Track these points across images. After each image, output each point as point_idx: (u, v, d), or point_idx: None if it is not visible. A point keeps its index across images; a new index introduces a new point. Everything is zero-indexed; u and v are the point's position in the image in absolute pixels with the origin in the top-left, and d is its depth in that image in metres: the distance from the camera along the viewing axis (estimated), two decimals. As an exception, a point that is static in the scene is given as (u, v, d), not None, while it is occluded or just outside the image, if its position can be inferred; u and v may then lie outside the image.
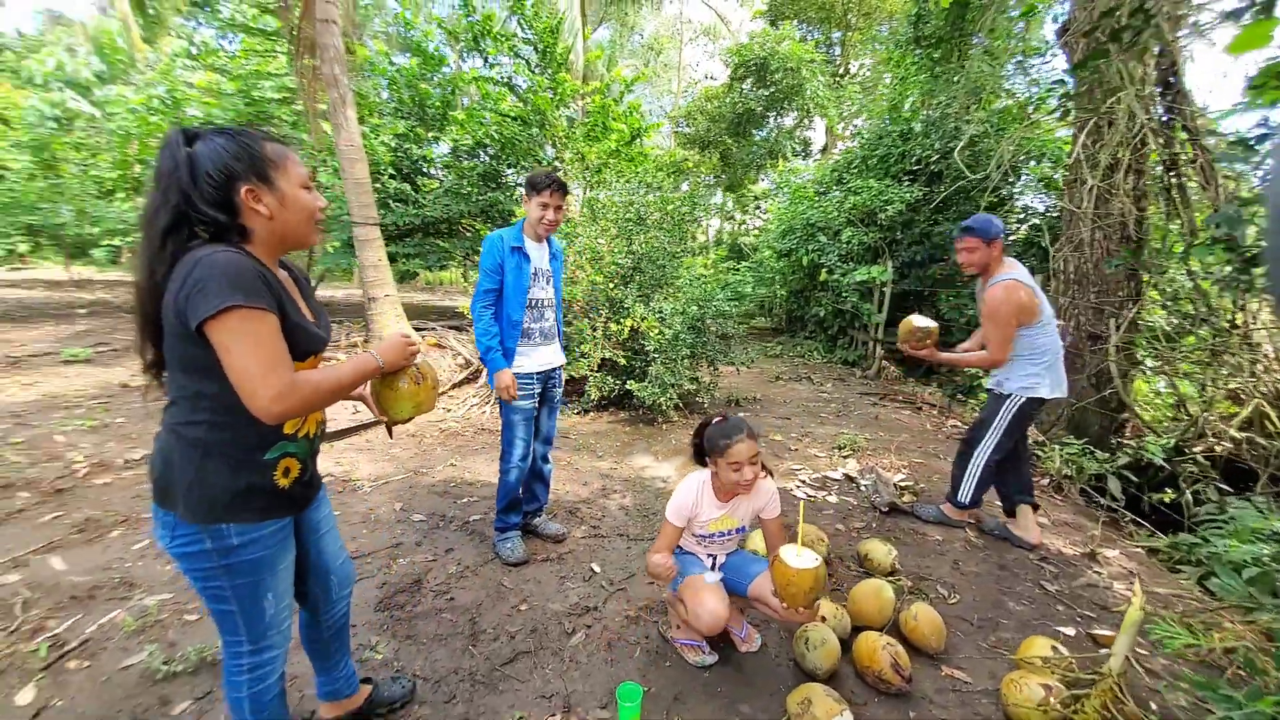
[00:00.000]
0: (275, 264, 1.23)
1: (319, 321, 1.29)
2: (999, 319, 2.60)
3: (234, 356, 1.03)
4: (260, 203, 1.13)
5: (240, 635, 1.24)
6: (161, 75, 8.63)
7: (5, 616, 2.04)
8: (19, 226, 9.63)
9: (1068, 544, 2.96)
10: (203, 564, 1.15)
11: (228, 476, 1.14)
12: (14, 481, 3.09)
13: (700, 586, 1.83)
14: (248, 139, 1.13)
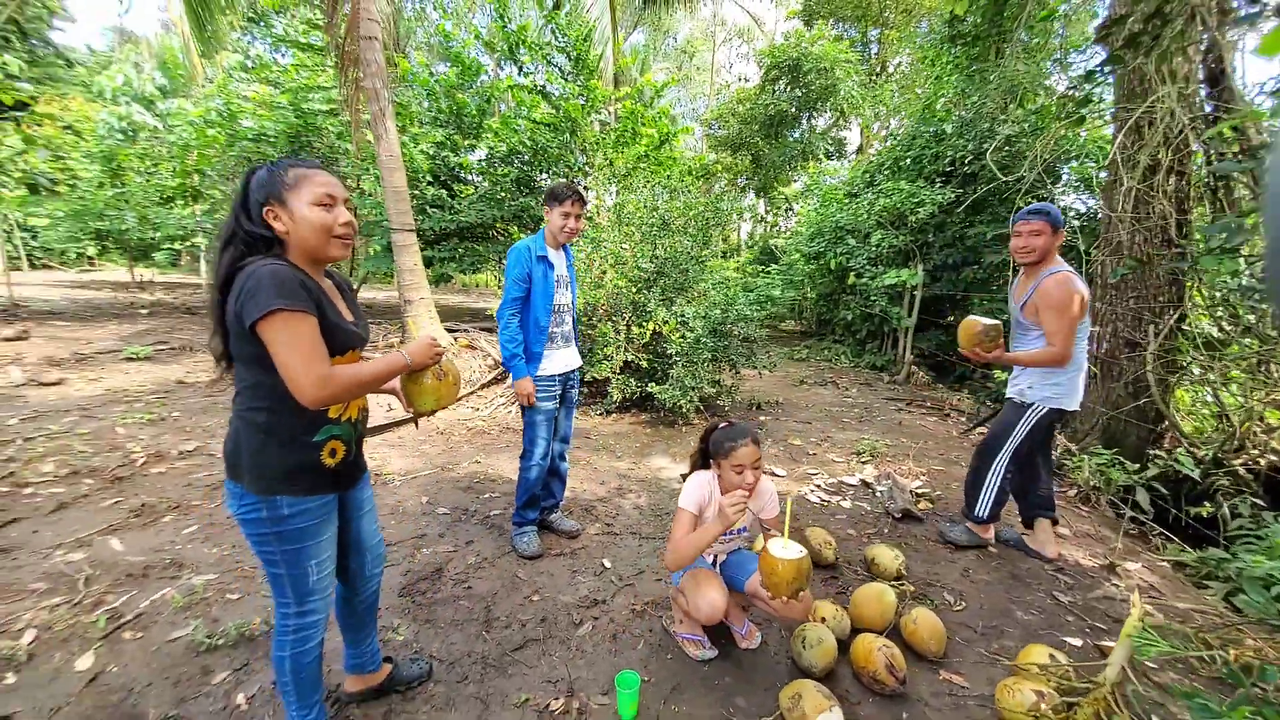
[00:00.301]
0: (318, 273, 1.39)
1: (357, 322, 1.46)
2: (1066, 309, 2.39)
3: (280, 351, 1.21)
4: (278, 220, 1.30)
5: (288, 597, 1.42)
6: (219, 89, 9.16)
7: (70, 590, 2.27)
8: (89, 232, 10.37)
9: (1087, 555, 2.91)
10: (259, 530, 1.34)
11: (282, 455, 1.33)
12: (80, 469, 3.39)
13: (702, 578, 1.91)
14: (279, 167, 1.30)
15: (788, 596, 1.65)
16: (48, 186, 9.25)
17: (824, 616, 2.10)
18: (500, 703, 1.81)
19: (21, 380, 5.15)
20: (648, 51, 20.00)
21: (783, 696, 1.74)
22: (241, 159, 8.83)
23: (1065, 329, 2.40)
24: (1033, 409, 2.60)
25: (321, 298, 1.30)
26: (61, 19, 22.04)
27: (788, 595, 1.64)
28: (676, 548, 1.84)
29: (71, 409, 4.51)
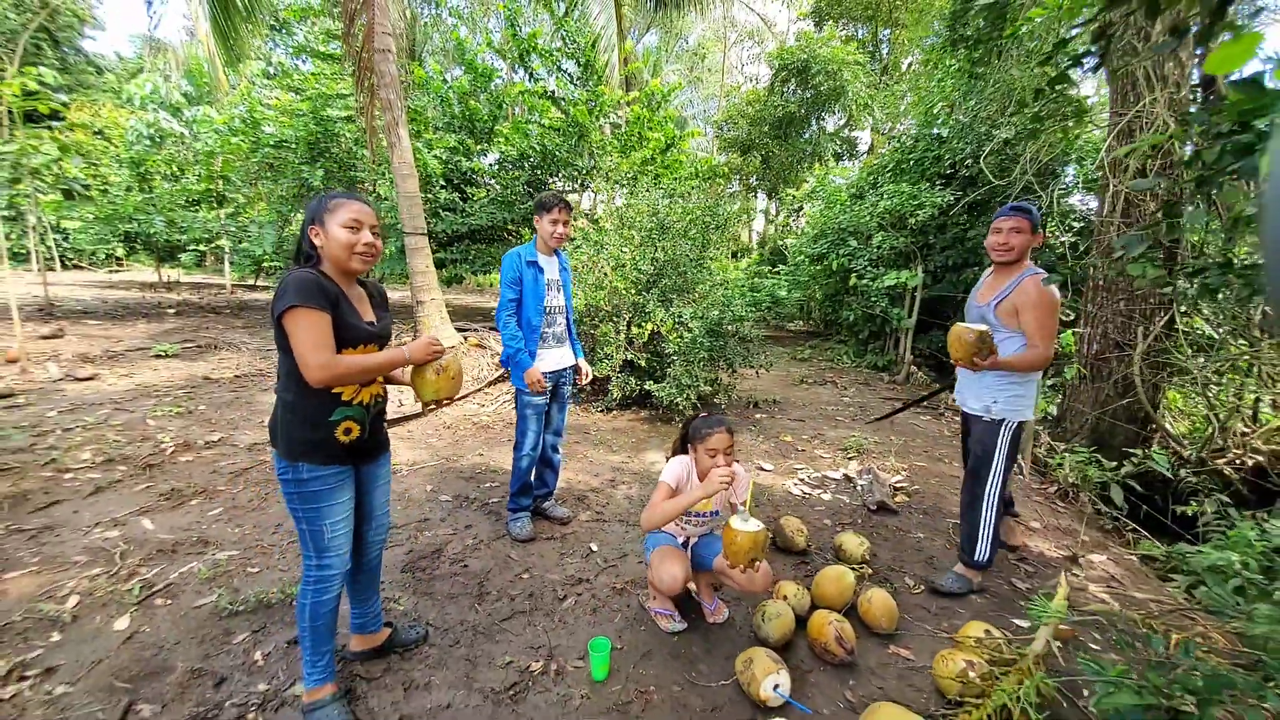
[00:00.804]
0: (348, 282, 1.67)
1: (378, 323, 1.72)
2: (1050, 309, 2.32)
3: (295, 339, 1.49)
4: (318, 236, 1.61)
5: (310, 550, 1.68)
6: (242, 96, 9.53)
7: (108, 563, 2.53)
8: (118, 234, 10.84)
9: (1054, 547, 3.04)
10: (288, 489, 1.63)
11: (303, 429, 1.60)
12: (114, 457, 3.68)
13: (666, 554, 2.10)
14: (329, 197, 1.63)
15: (744, 565, 1.83)
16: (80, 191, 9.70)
17: (786, 594, 2.28)
18: (487, 664, 2.02)
19: (59, 375, 5.50)
20: (659, 54, 20.17)
21: (737, 662, 1.93)
22: (264, 164, 9.20)
23: (1049, 330, 2.34)
24: (1005, 425, 2.46)
25: (341, 300, 1.57)
26: (92, 27, 22.88)
27: (744, 564, 1.83)
28: (652, 510, 2.04)
29: (105, 402, 4.83)
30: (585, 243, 5.86)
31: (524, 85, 9.64)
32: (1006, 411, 2.43)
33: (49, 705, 1.75)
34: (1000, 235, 2.42)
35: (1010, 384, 2.42)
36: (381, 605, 2.06)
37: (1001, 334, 2.44)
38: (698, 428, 2.11)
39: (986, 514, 2.47)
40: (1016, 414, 2.42)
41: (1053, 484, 4.04)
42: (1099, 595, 2.62)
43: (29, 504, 3.01)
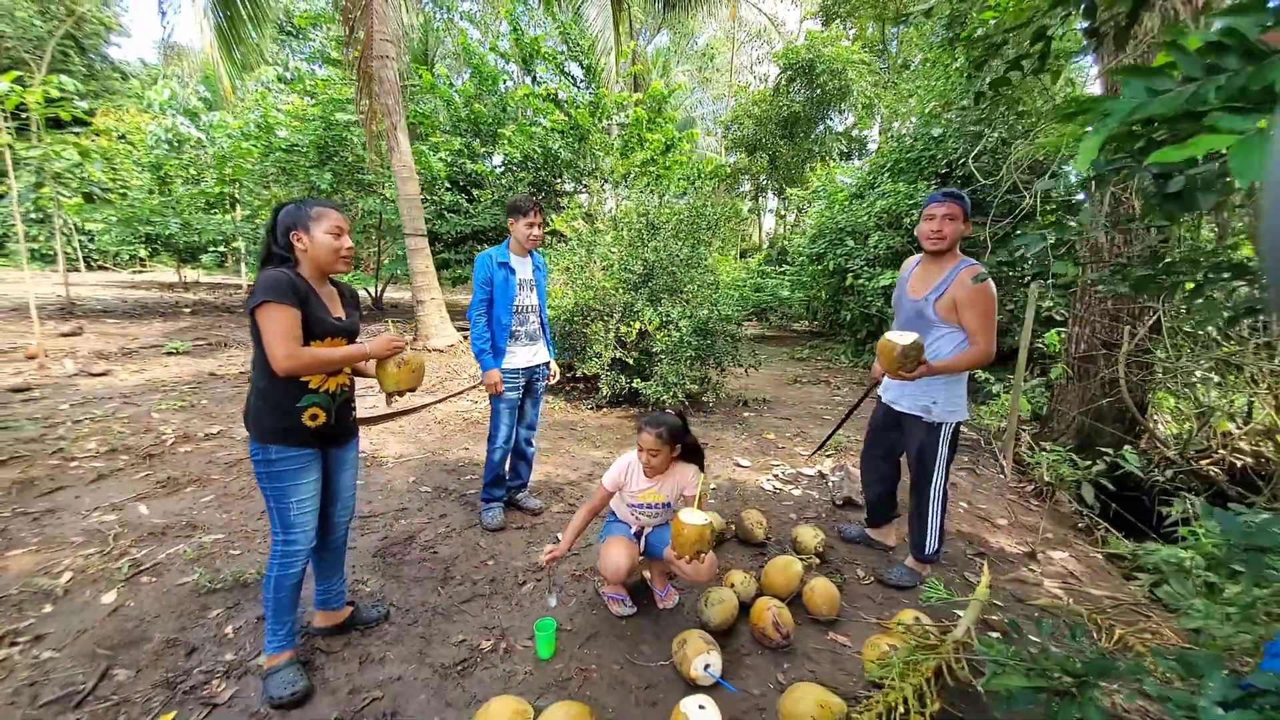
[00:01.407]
0: (320, 281, 1.83)
1: (346, 320, 1.87)
2: (987, 305, 2.24)
3: (264, 332, 1.65)
4: (301, 242, 1.76)
5: (277, 527, 1.83)
6: (256, 102, 9.82)
7: (102, 544, 2.70)
8: (139, 235, 11.22)
9: (1015, 544, 3.09)
10: (258, 469, 1.78)
11: (272, 414, 1.75)
12: (117, 447, 3.88)
13: (613, 543, 2.21)
14: (306, 204, 1.78)
15: (689, 556, 1.93)
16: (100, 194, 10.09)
17: (733, 582, 2.37)
18: (441, 641, 2.14)
19: (74, 371, 5.77)
20: (669, 54, 20.25)
21: (674, 643, 2.03)
22: (276, 168, 9.47)
23: (990, 326, 2.25)
24: (945, 427, 2.41)
25: (310, 298, 1.73)
26: (117, 34, 23.60)
27: (689, 555, 1.93)
28: (576, 513, 2.24)
29: (115, 396, 5.06)
30: (576, 243, 5.98)
31: (529, 88, 9.81)
32: (946, 414, 2.38)
33: (35, 668, 1.91)
34: (933, 222, 2.30)
35: (948, 383, 2.37)
36: (347, 585, 2.19)
37: (940, 330, 2.35)
38: (640, 424, 2.22)
39: (934, 509, 2.48)
40: (955, 414, 2.39)
41: (1030, 483, 4.06)
42: (1052, 590, 2.66)
43: (35, 489, 3.21)
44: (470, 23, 20.73)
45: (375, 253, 11.67)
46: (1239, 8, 0.84)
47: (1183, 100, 0.82)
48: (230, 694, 1.84)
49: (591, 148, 9.21)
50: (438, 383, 6.16)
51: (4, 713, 1.74)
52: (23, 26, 18.73)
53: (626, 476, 2.27)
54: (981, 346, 2.26)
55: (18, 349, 6.48)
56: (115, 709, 1.77)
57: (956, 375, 2.37)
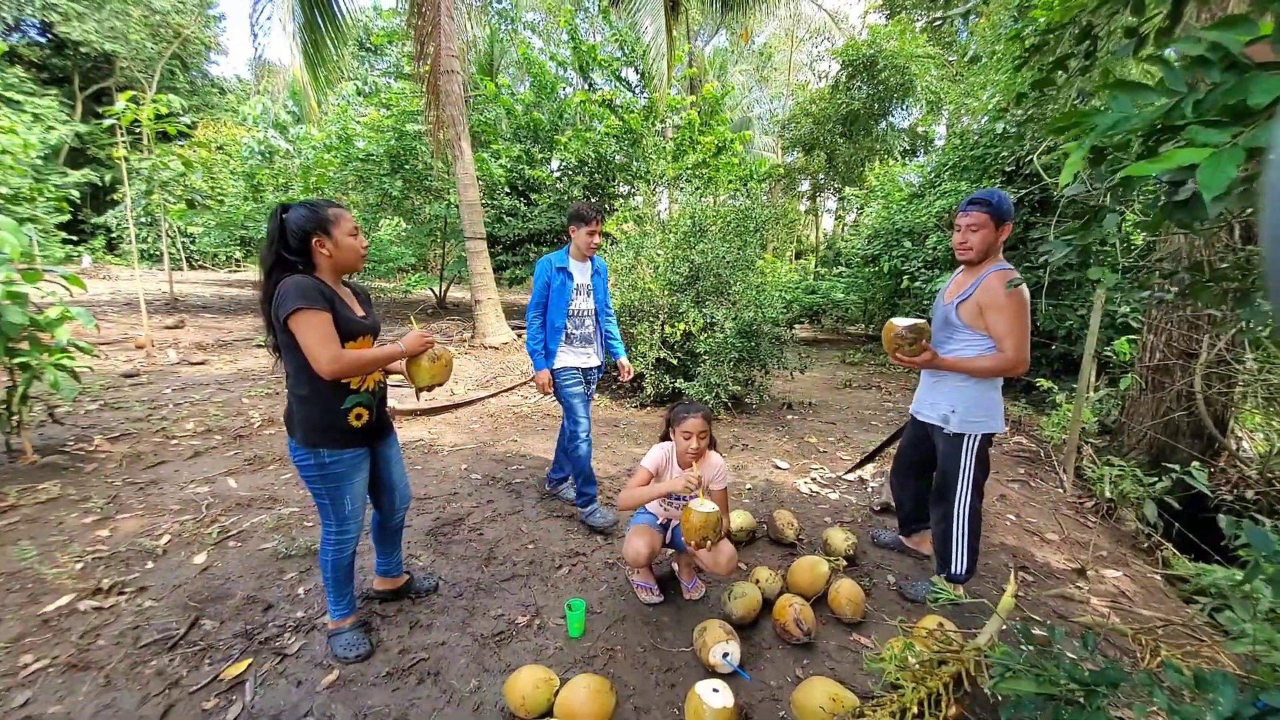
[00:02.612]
0: (337, 282, 1.89)
1: (367, 318, 1.95)
2: (1016, 310, 2.11)
3: (304, 338, 1.70)
4: (324, 247, 1.79)
5: (330, 521, 1.96)
6: (338, 116, 10.59)
7: (196, 511, 3.07)
8: (234, 238, 12.30)
9: (1064, 559, 2.97)
10: (309, 473, 1.88)
11: (322, 417, 1.82)
12: (212, 428, 4.35)
13: (638, 531, 2.33)
14: (318, 207, 1.79)
15: (697, 542, 2.02)
16: (200, 201, 11.16)
17: (759, 578, 2.43)
18: (482, 614, 2.33)
19: (176, 360, 6.46)
20: (726, 55, 20.15)
21: (695, 630, 2.12)
22: (354, 176, 10.18)
23: (1020, 331, 2.12)
24: (968, 439, 2.27)
25: (335, 300, 1.77)
26: (216, 52, 25.89)
27: (696, 541, 2.01)
28: (629, 492, 2.27)
29: (210, 383, 5.64)
30: (626, 245, 6.14)
31: (585, 94, 10.09)
32: (967, 424, 2.25)
33: (137, 615, 2.23)
34: (959, 233, 2.23)
35: (969, 391, 2.25)
36: (403, 558, 2.40)
37: (965, 336, 2.25)
38: (676, 412, 2.27)
39: (959, 528, 2.33)
40: (979, 426, 2.25)
41: (1090, 498, 3.87)
42: (1098, 608, 2.56)
43: (142, 462, 3.67)
44: (533, 32, 21.39)
45: (440, 255, 12.31)
46: (1226, 21, 0.86)
47: (1161, 114, 0.85)
48: (299, 646, 2.09)
49: (644, 151, 9.37)
50: (491, 378, 6.47)
51: (112, 650, 2.04)
52: (136, 49, 20.92)
53: (667, 465, 2.35)
54: (1009, 354, 2.14)
55: (129, 339, 7.31)
56: (201, 654, 2.04)
57: (981, 384, 2.25)
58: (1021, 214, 6.90)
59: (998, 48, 8.51)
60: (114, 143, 6.97)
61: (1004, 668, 1.51)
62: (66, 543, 2.70)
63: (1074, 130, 0.97)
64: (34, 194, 8.32)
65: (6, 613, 2.21)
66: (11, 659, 1.96)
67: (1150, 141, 0.94)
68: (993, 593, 2.61)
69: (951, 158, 8.29)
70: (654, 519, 2.47)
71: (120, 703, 1.80)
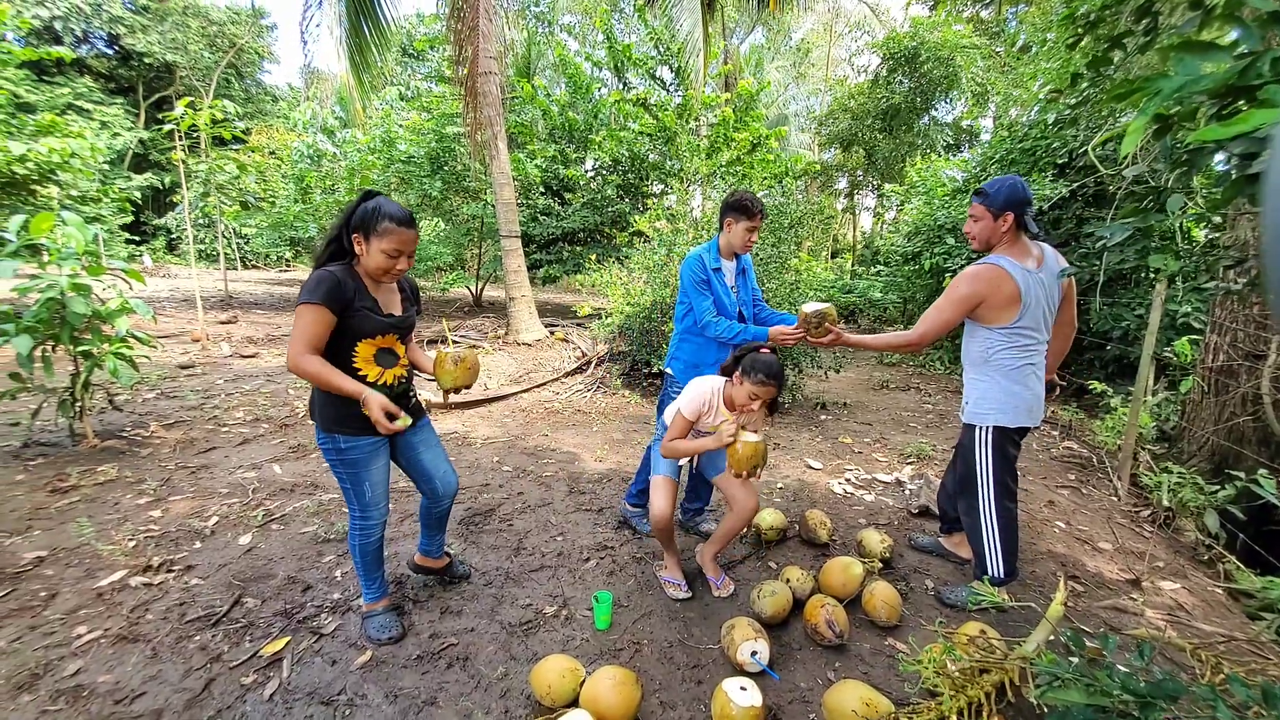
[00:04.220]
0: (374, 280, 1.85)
1: (401, 315, 1.94)
2: (949, 292, 2.18)
3: (294, 328, 1.72)
4: (359, 246, 1.78)
5: (354, 506, 2.00)
6: (382, 119, 10.92)
7: (243, 495, 3.20)
8: (285, 239, 12.81)
9: (1117, 570, 2.81)
10: (330, 457, 1.93)
11: (335, 406, 1.83)
12: (260, 417, 4.53)
13: (659, 488, 2.32)
14: (379, 213, 1.74)
15: (746, 472, 2.03)
16: (253, 203, 11.67)
17: (789, 577, 2.38)
18: (510, 603, 2.34)
19: (229, 353, 6.76)
20: (763, 51, 19.91)
21: (723, 627, 2.08)
22: (396, 178, 10.47)
23: (936, 312, 2.18)
24: (980, 430, 2.25)
25: (359, 296, 1.77)
26: (269, 61, 27.02)
27: (747, 471, 2.03)
28: (674, 446, 2.22)
29: (260, 375, 5.88)
30: (659, 243, 6.11)
31: (619, 94, 10.12)
32: (976, 415, 2.24)
33: (184, 592, 2.33)
34: (966, 225, 2.26)
35: (982, 382, 2.23)
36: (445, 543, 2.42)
37: (969, 328, 2.28)
38: (757, 365, 2.08)
39: (988, 525, 2.27)
40: (988, 417, 2.21)
41: (1147, 507, 3.65)
42: (1154, 621, 2.41)
43: (194, 448, 3.85)
44: (569, 34, 21.60)
45: (477, 254, 12.54)
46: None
47: (1234, 74, 0.78)
48: (334, 626, 2.14)
49: (678, 149, 9.34)
50: (524, 374, 6.55)
51: (160, 624, 2.14)
52: (194, 58, 22.04)
53: (707, 408, 2.23)
54: (911, 331, 2.24)
55: (185, 333, 7.70)
56: (243, 631, 2.12)
57: (997, 374, 2.19)
58: (1074, 209, 6.58)
59: (1049, 35, 8.15)
60: (173, 147, 7.35)
61: (1051, 676, 1.43)
62: (121, 521, 2.85)
63: (1136, 97, 0.90)
64: (100, 195, 8.83)
65: (65, 585, 2.34)
66: (67, 630, 2.08)
67: (1222, 107, 0.87)
68: (1040, 601, 2.48)
69: (998, 151, 7.97)
70: (674, 466, 2.40)
71: (165, 675, 1.88)
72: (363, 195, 1.79)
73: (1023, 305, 2.10)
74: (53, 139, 6.90)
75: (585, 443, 4.42)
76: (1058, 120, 6.60)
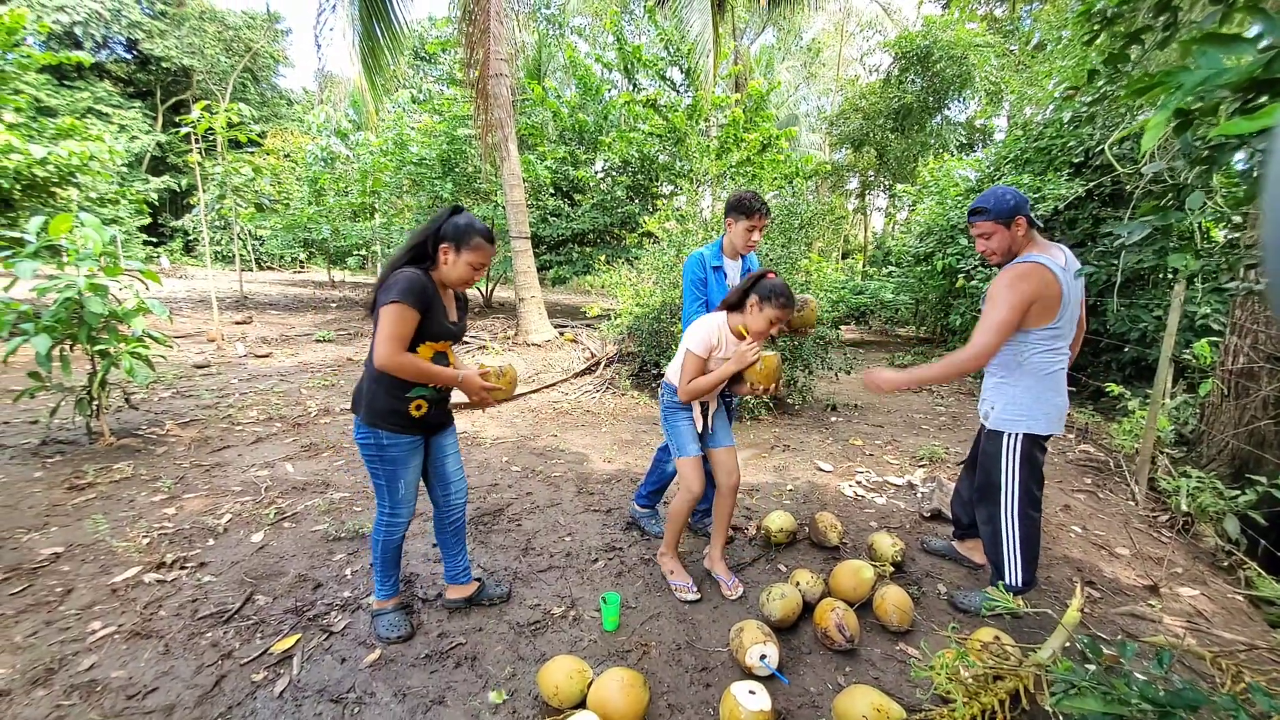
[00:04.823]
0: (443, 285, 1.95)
1: (458, 323, 2.03)
2: (998, 300, 2.02)
3: (381, 327, 1.76)
4: (446, 256, 1.87)
5: (385, 501, 2.02)
6: (394, 123, 11.02)
7: (255, 493, 3.23)
8: (299, 240, 12.96)
9: (1134, 575, 2.75)
10: (368, 452, 1.94)
11: (384, 401, 1.88)
12: (273, 416, 4.58)
13: (691, 467, 2.35)
14: (472, 228, 1.87)
15: (774, 386, 2.21)
16: (268, 205, 11.82)
17: (799, 580, 2.35)
18: (519, 603, 2.34)
19: (244, 353, 6.84)
20: (773, 52, 19.84)
21: (732, 630, 2.06)
22: (408, 180, 10.56)
23: (990, 323, 2.01)
24: (1007, 437, 2.17)
25: (434, 302, 1.85)
26: (284, 65, 27.37)
27: (773, 386, 2.21)
28: (693, 384, 2.20)
29: (273, 375, 5.94)
30: (668, 243, 6.10)
31: (629, 95, 10.13)
32: (1004, 421, 2.16)
33: (197, 588, 2.35)
34: (978, 245, 2.22)
35: (1011, 388, 2.15)
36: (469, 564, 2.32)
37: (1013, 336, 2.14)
38: (777, 291, 2.07)
39: (1008, 533, 2.21)
40: (1015, 425, 2.13)
41: (1165, 512, 3.58)
42: (1172, 628, 2.36)
43: (208, 446, 3.90)
44: (579, 36, 21.65)
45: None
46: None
47: (1258, 66, 0.76)
48: (344, 624, 2.15)
49: (688, 150, 9.33)
50: (533, 375, 6.56)
51: (172, 620, 2.16)
52: (211, 62, 22.38)
53: (717, 343, 2.21)
54: (970, 349, 2.04)
55: (201, 333, 7.80)
56: (254, 628, 2.13)
57: (1028, 380, 2.11)
58: (1090, 208, 6.49)
59: (1064, 32, 8.05)
60: (190, 150, 7.46)
61: (1067, 684, 1.41)
62: (136, 519, 2.89)
63: (1156, 91, 0.88)
64: (118, 197, 8.98)
65: (80, 581, 2.37)
66: (82, 625, 2.11)
67: (1244, 101, 0.85)
68: (1055, 607, 2.44)
69: (1013, 150, 7.87)
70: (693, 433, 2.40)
71: (177, 671, 1.90)
72: (452, 209, 1.93)
73: (1062, 304, 2.03)
74: (72, 142, 7.04)
75: (594, 443, 4.42)
76: (1074, 118, 6.50)
